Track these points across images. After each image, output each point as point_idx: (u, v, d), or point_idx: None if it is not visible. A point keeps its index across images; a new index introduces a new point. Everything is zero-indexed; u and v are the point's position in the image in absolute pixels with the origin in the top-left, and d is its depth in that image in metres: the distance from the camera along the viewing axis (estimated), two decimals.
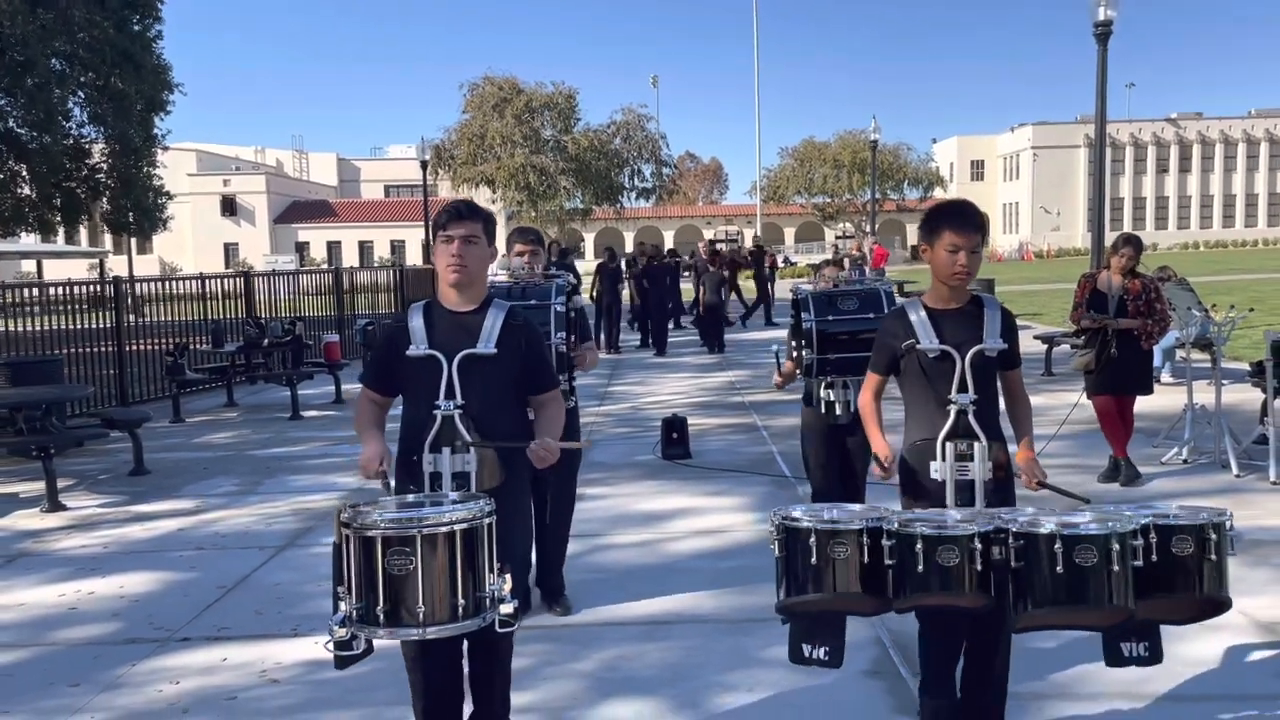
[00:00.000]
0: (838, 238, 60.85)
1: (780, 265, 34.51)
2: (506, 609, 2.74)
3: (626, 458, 8.38)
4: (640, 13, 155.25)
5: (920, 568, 2.76)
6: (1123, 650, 2.99)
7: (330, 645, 2.68)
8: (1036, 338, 12.89)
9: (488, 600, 2.71)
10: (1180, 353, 10.08)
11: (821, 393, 4.97)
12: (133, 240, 35.24)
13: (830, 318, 4.90)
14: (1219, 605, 2.89)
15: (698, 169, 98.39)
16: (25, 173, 22.15)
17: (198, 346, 13.31)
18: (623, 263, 18.40)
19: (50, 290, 12.26)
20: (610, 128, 41.78)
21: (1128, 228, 68.44)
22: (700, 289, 17.52)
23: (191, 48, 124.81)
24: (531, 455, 3.03)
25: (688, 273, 22.54)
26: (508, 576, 2.77)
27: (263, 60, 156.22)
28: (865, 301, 5.00)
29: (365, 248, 58.48)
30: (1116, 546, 2.69)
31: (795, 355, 5.15)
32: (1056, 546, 2.68)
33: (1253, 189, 70.63)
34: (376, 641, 2.73)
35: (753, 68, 49.00)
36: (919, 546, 2.76)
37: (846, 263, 26.97)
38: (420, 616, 2.59)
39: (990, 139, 74.98)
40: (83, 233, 42.23)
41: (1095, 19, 14.35)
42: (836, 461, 5.06)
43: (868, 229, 38.96)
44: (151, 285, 14.94)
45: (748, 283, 24.05)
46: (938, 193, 60.70)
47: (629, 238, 61.10)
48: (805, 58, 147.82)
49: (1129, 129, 70.18)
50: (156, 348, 12.68)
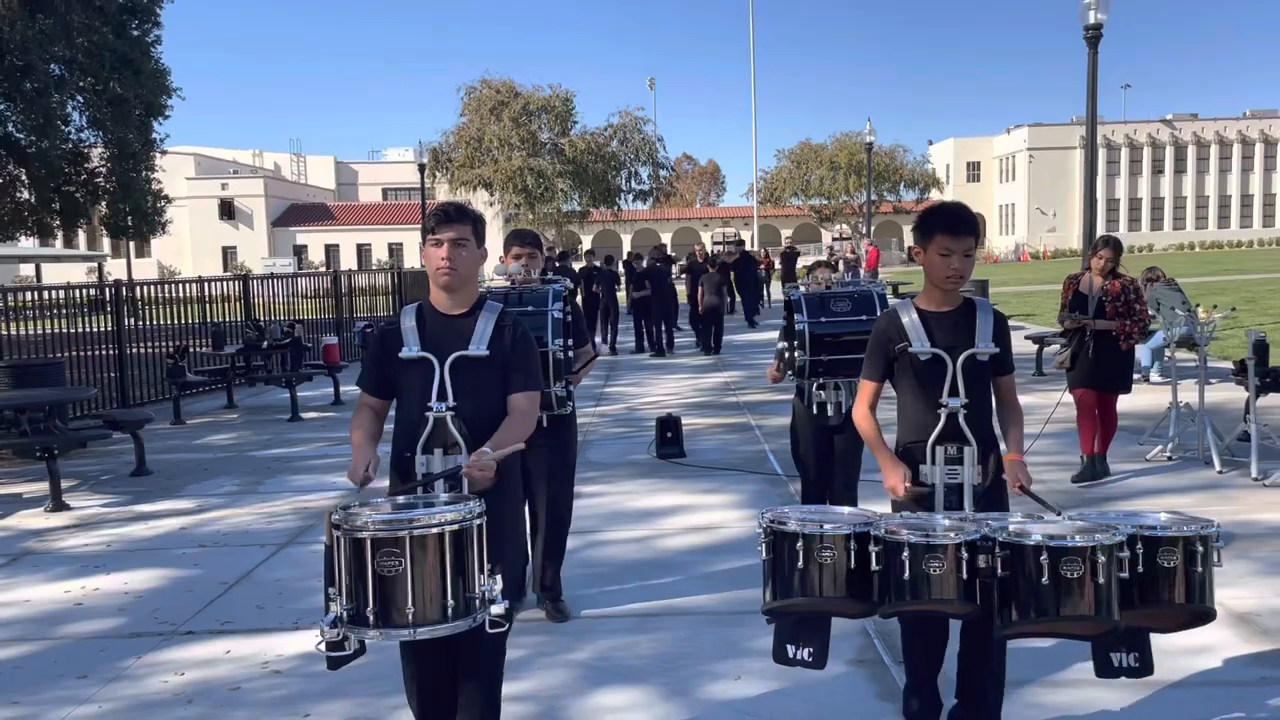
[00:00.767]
0: (835, 239, 60.99)
1: (775, 267, 34.69)
2: (497, 609, 2.75)
3: (622, 457, 8.50)
4: (637, 16, 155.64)
5: (906, 575, 2.76)
6: (1113, 660, 3.00)
7: (322, 646, 2.70)
8: (1028, 338, 13.03)
9: (478, 601, 2.72)
10: (1167, 352, 10.20)
11: (814, 393, 5.03)
12: (131, 244, 35.36)
13: (823, 319, 4.96)
14: (1205, 616, 2.90)
15: (695, 171, 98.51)
16: (24, 177, 22.25)
17: (198, 349, 13.43)
18: (620, 265, 18.51)
19: (50, 294, 12.37)
20: (607, 130, 41.91)
21: (1124, 229, 68.76)
22: (699, 290, 17.60)
23: (190, 52, 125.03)
24: (467, 476, 2.94)
25: (683, 275, 22.60)
26: (499, 577, 2.78)
27: (261, 64, 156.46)
28: (858, 303, 5.06)
29: (363, 250, 58.60)
30: (1103, 558, 2.69)
31: (787, 356, 5.22)
32: (1043, 558, 2.68)
33: (1248, 190, 70.82)
34: (369, 641, 2.74)
35: (749, 70, 49.15)
36: (905, 554, 2.76)
37: (841, 264, 27.06)
38: (410, 617, 2.61)
39: (986, 140, 75.15)
40: (81, 236, 42.32)
41: (1085, 22, 14.49)
42: (826, 459, 5.12)
43: (863, 230, 39.08)
44: (150, 289, 15.05)
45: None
46: (934, 194, 60.82)
47: (626, 240, 61.22)
48: (802, 60, 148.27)
49: (1125, 130, 70.38)
50: (156, 351, 12.80)
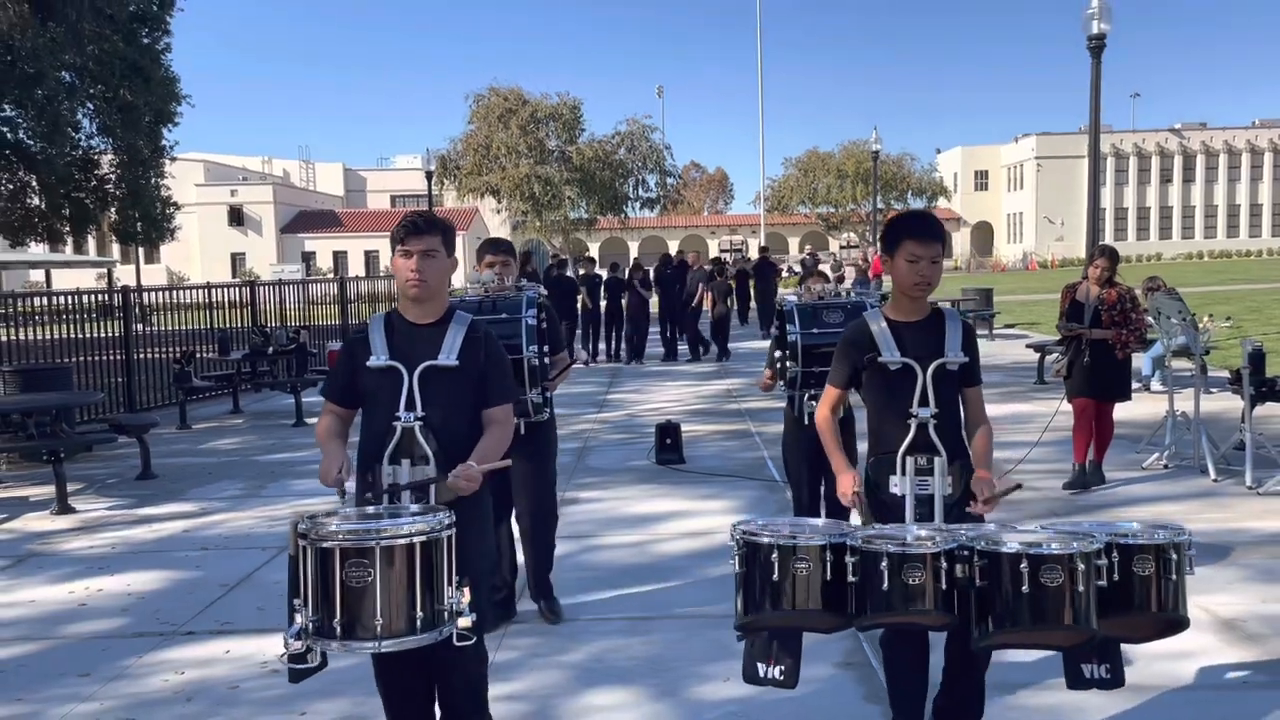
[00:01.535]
0: (843, 247, 60.99)
1: (785, 275, 34.76)
2: (465, 622, 2.72)
3: (621, 463, 8.57)
4: (645, 24, 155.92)
5: (884, 586, 2.72)
6: (1084, 672, 2.98)
7: (285, 657, 2.66)
8: (1029, 346, 13.07)
9: (445, 613, 2.68)
10: (1166, 361, 10.24)
11: (805, 403, 4.99)
12: (140, 250, 35.54)
13: (815, 330, 4.92)
14: (1177, 624, 2.89)
15: (703, 179, 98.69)
16: (35, 183, 22.49)
17: (204, 355, 13.54)
18: (626, 272, 18.54)
19: (59, 299, 12.50)
20: (615, 138, 42.04)
21: (1132, 238, 68.64)
22: (710, 298, 17.74)
23: (199, 59, 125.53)
24: (452, 485, 2.94)
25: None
26: (466, 590, 2.74)
27: (270, 71, 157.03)
28: (850, 315, 4.92)
29: (371, 257, 58.79)
30: (1082, 566, 2.66)
31: (778, 365, 5.19)
32: (1022, 566, 2.65)
33: (1256, 199, 70.65)
34: (333, 654, 2.70)
35: (757, 78, 49.29)
36: (883, 565, 2.72)
37: (849, 272, 27.05)
38: (377, 629, 2.57)
39: (994, 149, 75.09)
40: (91, 242, 42.55)
41: (1089, 32, 14.55)
42: (818, 469, 5.05)
43: (870, 239, 39.13)
44: (159, 294, 15.18)
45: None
46: (941, 203, 60.84)
47: (633, 247, 61.32)
48: (810, 68, 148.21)
49: (1133, 139, 70.29)
50: (164, 356, 12.92)
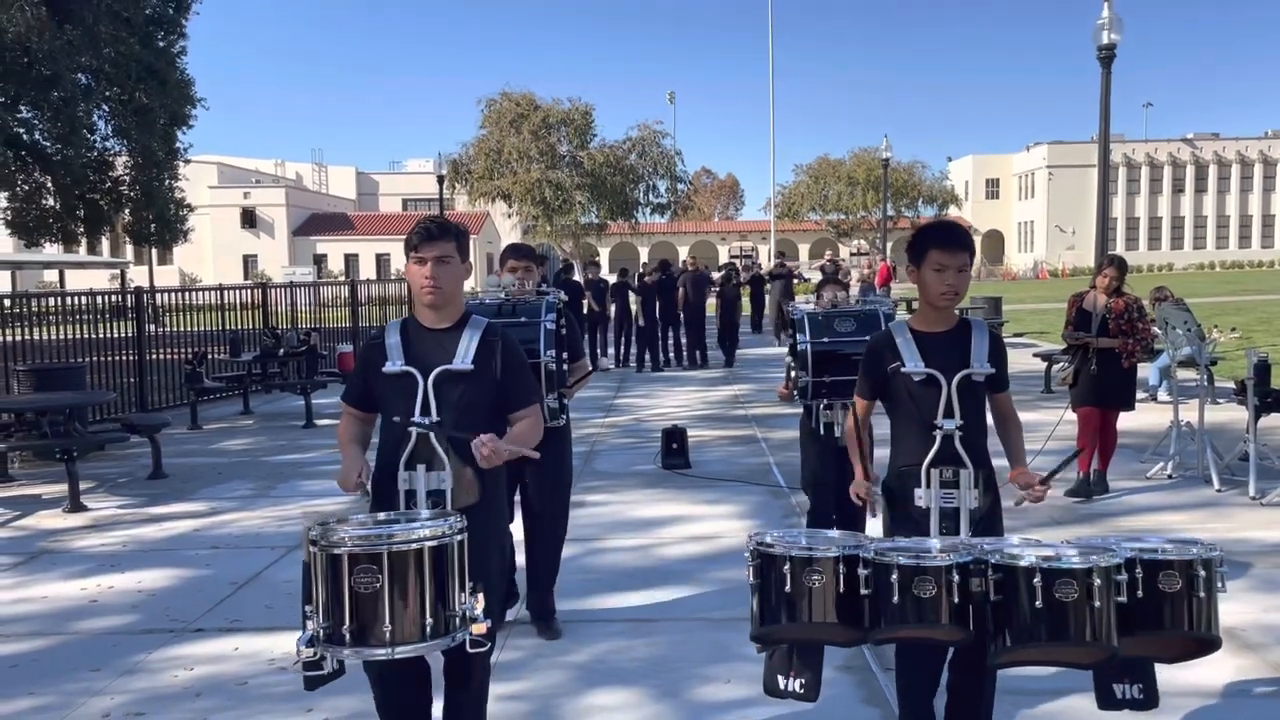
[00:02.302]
0: (853, 254, 60.95)
1: (799, 281, 34.77)
2: (479, 628, 2.70)
3: (627, 467, 8.63)
4: (657, 29, 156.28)
5: (896, 599, 2.67)
6: (1115, 692, 2.91)
7: (298, 666, 2.65)
8: (1036, 355, 13.08)
9: (457, 620, 2.67)
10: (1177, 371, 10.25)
11: (820, 415, 4.91)
12: (153, 251, 35.75)
13: (826, 339, 4.83)
14: (1209, 645, 2.78)
15: (713, 185, 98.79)
16: (50, 184, 22.67)
17: (216, 356, 13.65)
18: (634, 277, 18.57)
19: (73, 299, 12.62)
20: (626, 143, 42.15)
21: (1144, 248, 68.47)
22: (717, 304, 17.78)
23: (213, 62, 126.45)
24: (475, 449, 2.92)
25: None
26: (480, 595, 2.73)
27: (283, 75, 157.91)
28: (863, 323, 4.90)
29: (382, 260, 59.01)
30: (1099, 581, 2.59)
31: (793, 375, 5.11)
32: (1036, 580, 2.59)
33: (1269, 210, 70.43)
34: (346, 660, 2.68)
35: (768, 85, 49.31)
36: (895, 577, 2.67)
37: (855, 277, 26.86)
38: (388, 636, 2.56)
39: (1006, 158, 75.04)
40: (104, 243, 42.80)
41: (1099, 43, 14.59)
42: (834, 482, 4.92)
43: (879, 246, 39.14)
44: (171, 296, 15.30)
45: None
46: (952, 211, 60.73)
47: (644, 252, 61.39)
48: (822, 75, 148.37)
49: (1145, 149, 70.14)
50: (175, 357, 13.02)
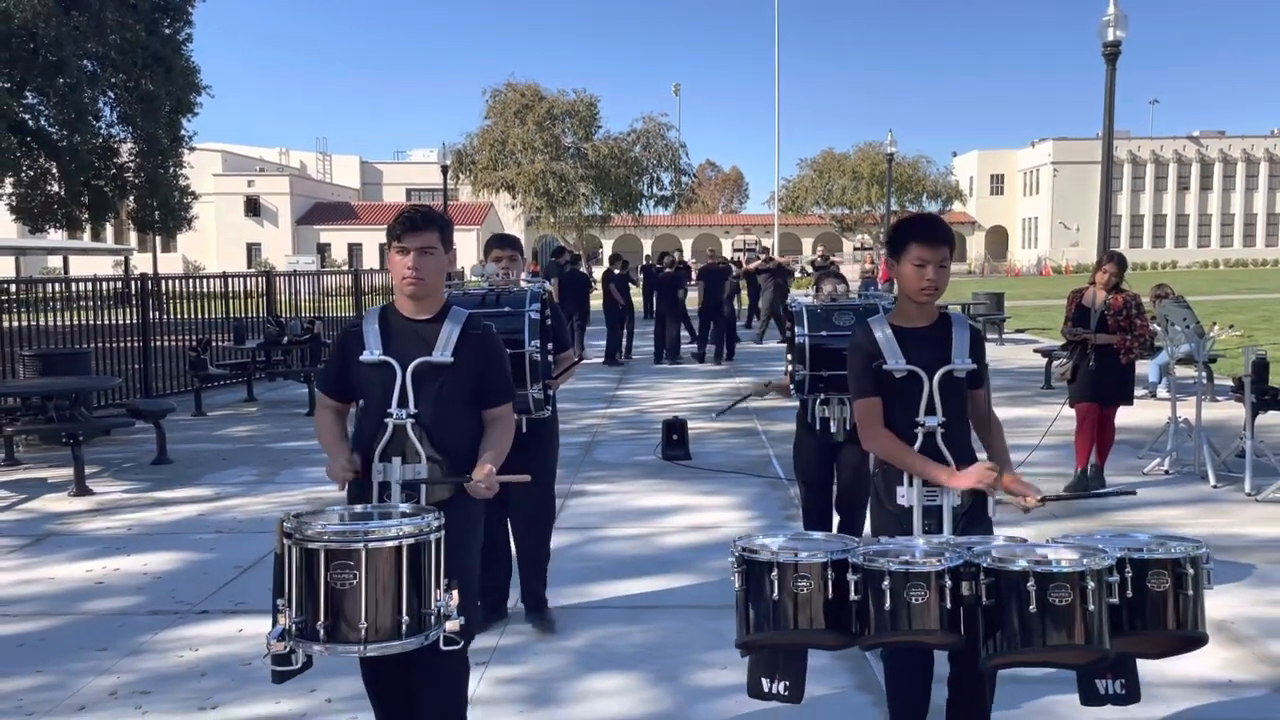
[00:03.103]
0: (856, 249, 60.92)
1: (798, 275, 34.81)
2: (452, 626, 2.67)
3: (627, 457, 8.69)
4: (662, 22, 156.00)
5: (888, 605, 2.64)
6: (1099, 688, 2.91)
7: (268, 659, 2.63)
8: (1037, 351, 13.14)
9: (432, 617, 2.64)
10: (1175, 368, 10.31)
11: (817, 410, 4.87)
12: (158, 238, 35.85)
13: (824, 333, 4.79)
14: (1195, 641, 2.81)
15: (718, 178, 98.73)
16: (55, 170, 22.75)
17: (220, 343, 13.72)
18: (638, 268, 18.63)
19: (77, 285, 12.69)
20: (631, 135, 42.17)
21: (1148, 245, 68.39)
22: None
23: (219, 50, 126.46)
24: (472, 490, 2.92)
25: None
26: (454, 593, 2.70)
27: (289, 63, 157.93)
28: (862, 317, 4.72)
29: (385, 250, 59.18)
30: (1092, 584, 2.58)
31: (789, 370, 5.04)
32: (1030, 584, 2.57)
33: (1274, 208, 70.29)
34: (317, 656, 2.67)
35: (774, 78, 49.35)
36: (886, 583, 2.63)
37: (857, 272, 26.80)
38: (362, 632, 2.53)
39: (1011, 153, 74.92)
40: (109, 230, 42.88)
41: (1104, 39, 14.59)
42: (830, 478, 4.95)
43: (883, 241, 39.18)
44: (176, 283, 15.37)
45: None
46: (956, 206, 60.75)
47: (647, 245, 61.47)
48: (827, 69, 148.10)
49: (1151, 146, 70.02)
50: (179, 344, 13.10)
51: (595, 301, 19.11)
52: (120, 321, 12.26)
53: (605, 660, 4.33)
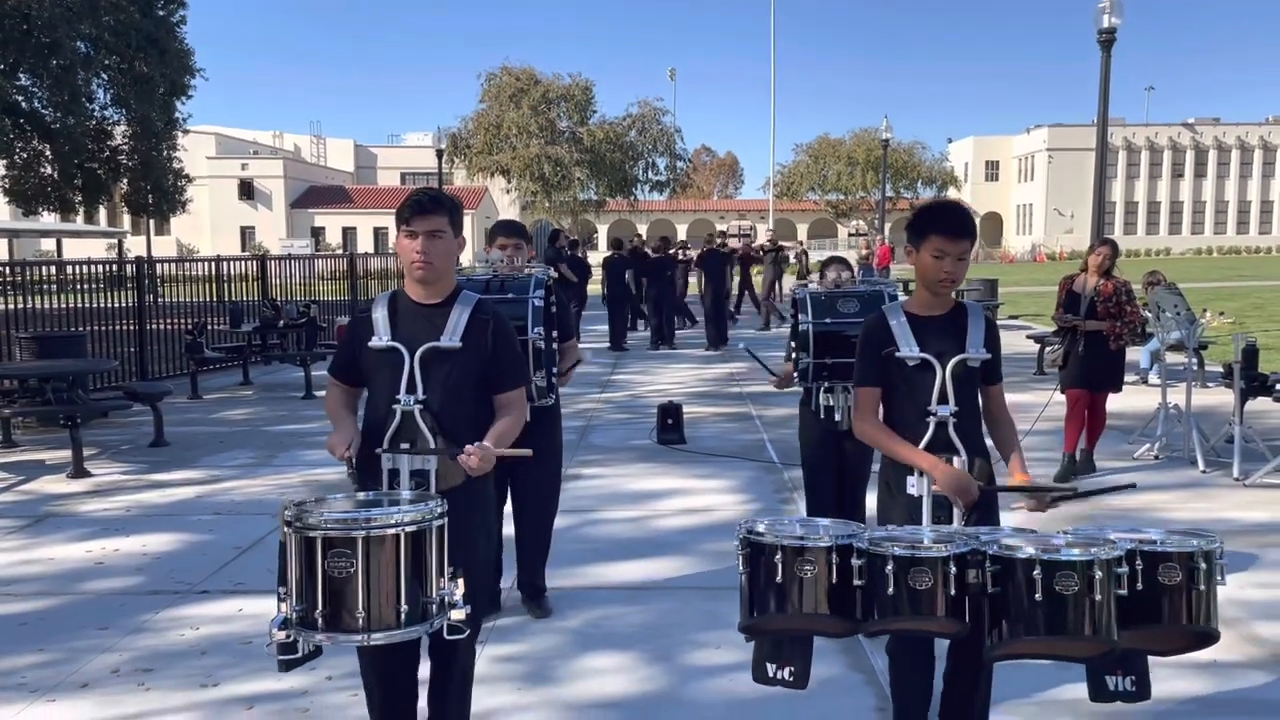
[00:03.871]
0: (851, 235, 60.88)
1: (792, 261, 34.79)
2: (457, 615, 2.63)
3: (623, 441, 8.75)
4: (658, 6, 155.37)
5: (890, 590, 2.59)
6: (1108, 684, 2.85)
7: (272, 648, 2.61)
8: (1029, 337, 13.23)
9: (435, 606, 2.60)
10: (1166, 354, 10.38)
11: (821, 398, 4.78)
12: (151, 221, 35.73)
13: (829, 320, 4.71)
14: (1207, 638, 2.74)
15: (713, 163, 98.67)
16: (48, 152, 22.67)
17: (215, 327, 13.74)
18: (649, 251, 18.59)
19: (72, 268, 12.67)
20: (626, 120, 42.16)
21: (1142, 232, 68.51)
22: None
23: (213, 32, 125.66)
24: (463, 463, 2.85)
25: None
26: (460, 581, 2.65)
27: (283, 46, 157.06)
28: (867, 304, 4.77)
29: (380, 234, 58.93)
30: (1099, 574, 2.52)
31: (793, 358, 4.99)
32: (1036, 572, 2.52)
33: (1268, 196, 70.47)
34: (319, 644, 2.64)
35: (770, 63, 49.23)
36: (890, 568, 2.59)
37: (855, 258, 26.75)
38: (361, 622, 2.50)
39: (1006, 140, 74.94)
40: (102, 213, 42.77)
41: (1099, 26, 14.62)
42: (835, 467, 4.84)
43: (878, 227, 39.17)
44: (170, 266, 15.37)
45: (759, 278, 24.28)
46: (951, 193, 60.73)
47: (642, 230, 61.42)
48: (823, 55, 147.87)
49: (1145, 133, 70.08)
50: (174, 327, 13.11)
51: (593, 287, 19.17)
52: (115, 304, 12.27)
53: (602, 640, 4.39)
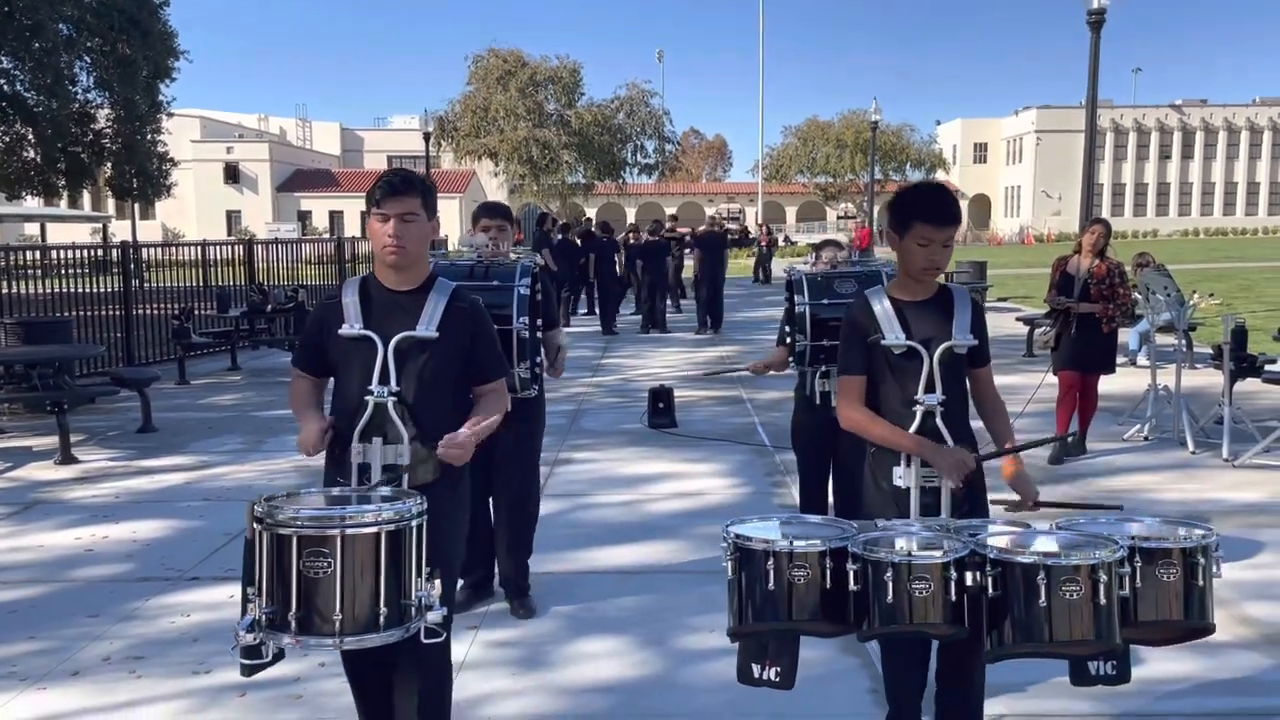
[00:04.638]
0: (841, 217, 60.86)
1: (780, 244, 34.90)
2: (434, 617, 2.52)
3: (614, 425, 8.74)
4: None
5: (889, 598, 2.51)
6: (1089, 669, 2.80)
7: (235, 650, 2.50)
8: (1019, 319, 13.25)
9: (413, 609, 2.48)
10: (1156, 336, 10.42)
11: (816, 383, 4.66)
12: (135, 206, 35.46)
13: (825, 301, 4.57)
14: (1201, 632, 2.69)
15: (701, 146, 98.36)
16: (31, 136, 22.44)
17: (202, 312, 13.65)
18: (645, 235, 18.52)
19: (56, 253, 12.56)
20: (614, 103, 41.98)
21: (1129, 214, 68.65)
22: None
23: (197, 14, 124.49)
24: (444, 457, 2.75)
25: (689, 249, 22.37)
26: (437, 582, 2.55)
27: (268, 28, 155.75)
28: (864, 285, 4.51)
29: (367, 218, 58.76)
30: (1105, 577, 2.45)
31: (788, 341, 4.89)
32: (1040, 578, 2.44)
33: (1254, 177, 70.67)
34: (289, 649, 2.52)
35: (758, 46, 49.12)
36: (888, 575, 2.50)
37: (842, 240, 26.60)
38: (338, 625, 2.36)
39: (994, 122, 74.91)
40: (86, 197, 42.43)
41: (1089, 7, 14.62)
42: (828, 457, 4.51)
43: (867, 209, 39.20)
44: (155, 251, 15.26)
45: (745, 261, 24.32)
46: (940, 175, 60.76)
47: (630, 213, 61.23)
48: (812, 37, 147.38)
49: (1134, 114, 70.15)
50: (160, 312, 13.03)
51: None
52: (100, 290, 12.17)
53: (595, 624, 4.38)
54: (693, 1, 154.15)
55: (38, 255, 13.00)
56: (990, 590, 2.52)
